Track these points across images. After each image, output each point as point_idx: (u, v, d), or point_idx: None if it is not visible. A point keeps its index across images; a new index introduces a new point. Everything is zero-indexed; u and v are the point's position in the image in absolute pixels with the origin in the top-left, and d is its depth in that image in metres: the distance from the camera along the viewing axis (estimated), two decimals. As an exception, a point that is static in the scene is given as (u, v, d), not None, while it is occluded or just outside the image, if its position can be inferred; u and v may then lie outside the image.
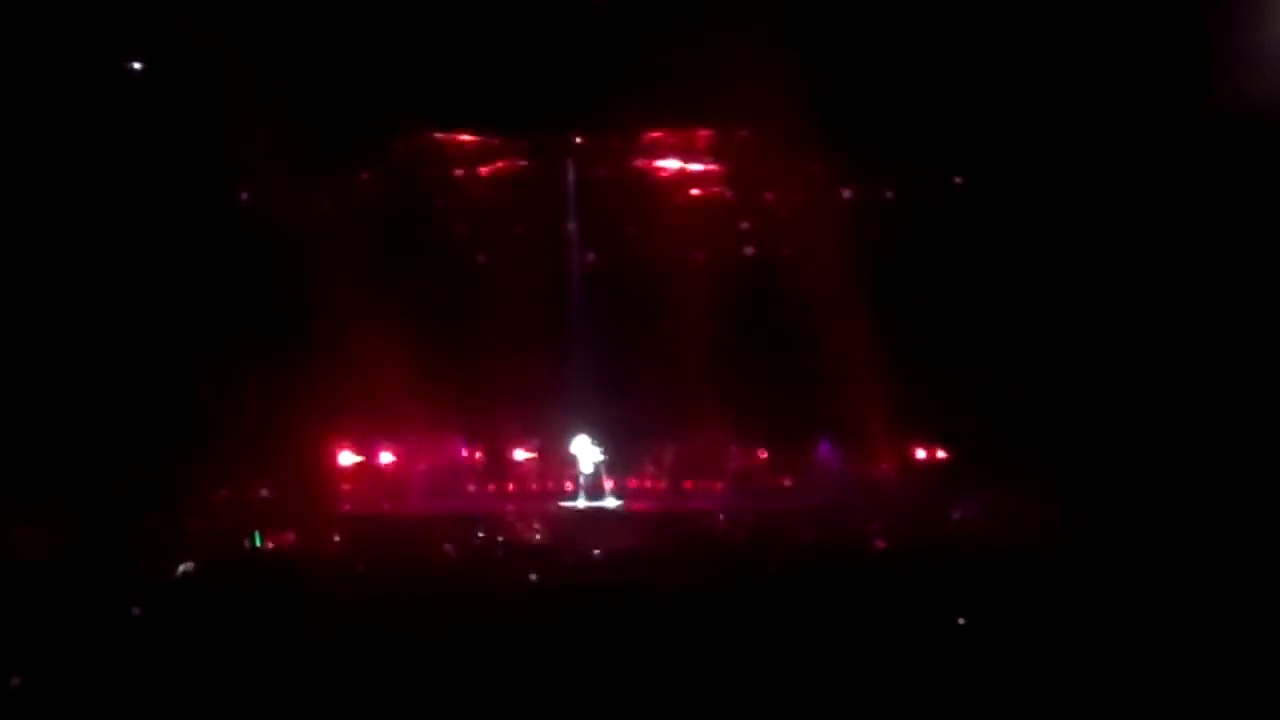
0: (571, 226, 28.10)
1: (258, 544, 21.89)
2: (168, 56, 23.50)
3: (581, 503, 25.73)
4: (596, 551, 21.81)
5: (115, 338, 23.72)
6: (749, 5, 22.32)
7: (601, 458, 26.29)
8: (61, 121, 23.60)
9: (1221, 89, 22.41)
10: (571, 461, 26.26)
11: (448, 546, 22.09)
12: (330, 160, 25.75)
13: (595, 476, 26.15)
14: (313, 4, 23.49)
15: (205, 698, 15.59)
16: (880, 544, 22.10)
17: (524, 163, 27.89)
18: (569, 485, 26.24)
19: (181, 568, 20.02)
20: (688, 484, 26.60)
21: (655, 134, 27.74)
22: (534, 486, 26.46)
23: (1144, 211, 24.11)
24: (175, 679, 16.19)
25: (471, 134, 27.63)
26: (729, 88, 24.55)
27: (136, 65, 24.74)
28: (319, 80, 24.03)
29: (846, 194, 27.50)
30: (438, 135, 27.51)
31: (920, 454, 26.32)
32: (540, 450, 26.84)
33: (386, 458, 26.15)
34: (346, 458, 26.18)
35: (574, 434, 26.31)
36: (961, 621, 17.94)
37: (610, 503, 25.77)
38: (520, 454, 26.94)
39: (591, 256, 28.28)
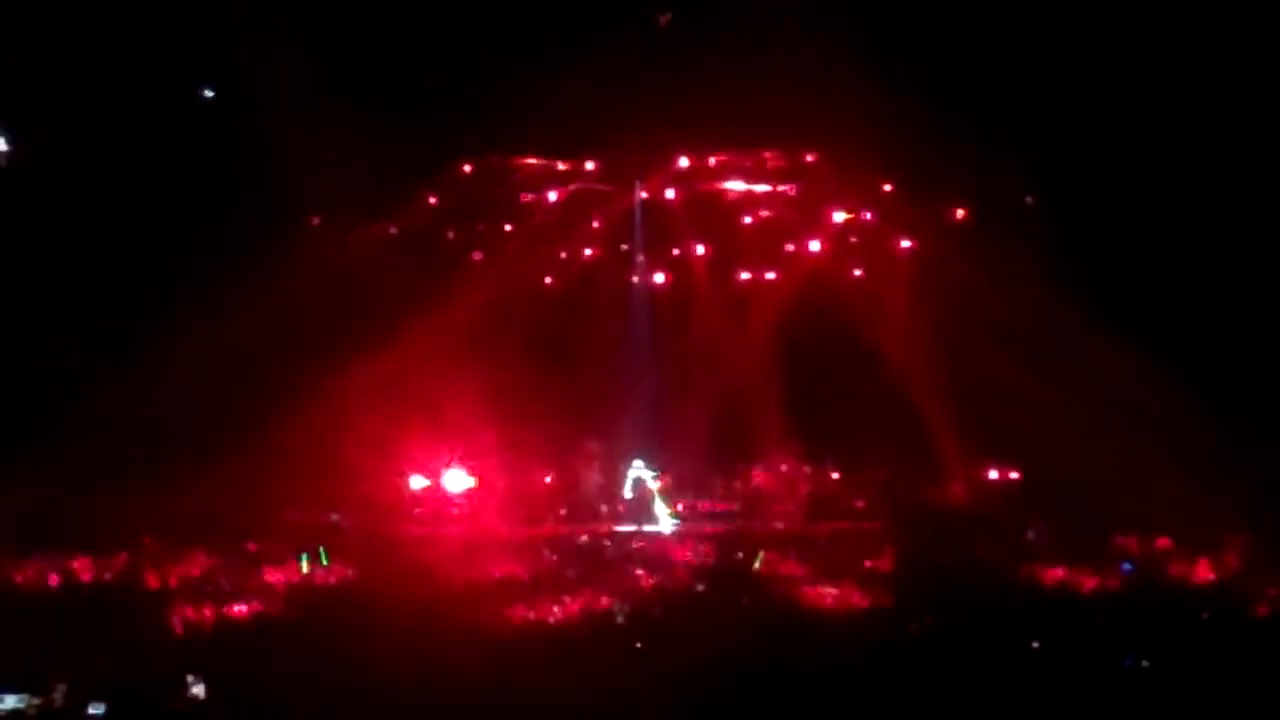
0: (638, 249, 28.12)
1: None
2: (241, 80, 23.74)
3: (649, 526, 25.61)
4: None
5: (180, 361, 23.90)
6: (813, 27, 22.27)
7: (668, 482, 26.22)
8: (138, 146, 23.93)
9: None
10: (639, 485, 26.17)
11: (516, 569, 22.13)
12: (396, 186, 25.94)
13: (664, 500, 26.05)
14: (383, 33, 23.70)
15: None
16: (954, 566, 21.97)
17: (591, 186, 27.93)
18: (637, 509, 26.13)
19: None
20: (758, 506, 26.40)
21: (721, 156, 27.72)
22: (602, 510, 26.35)
23: (1228, 236, 23.90)
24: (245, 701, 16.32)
25: (538, 158, 27.73)
26: (796, 110, 24.51)
27: (208, 92, 25.08)
28: (386, 106, 24.19)
29: (916, 217, 27.36)
30: (505, 159, 27.63)
31: (993, 475, 26.10)
32: (607, 474, 26.74)
33: (456, 481, 26.11)
34: (417, 481, 26.17)
35: (642, 457, 26.27)
36: (1035, 645, 17.78)
37: (677, 526, 25.63)
38: (586, 477, 26.84)
39: (659, 279, 28.30)
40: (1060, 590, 20.39)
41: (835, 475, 26.58)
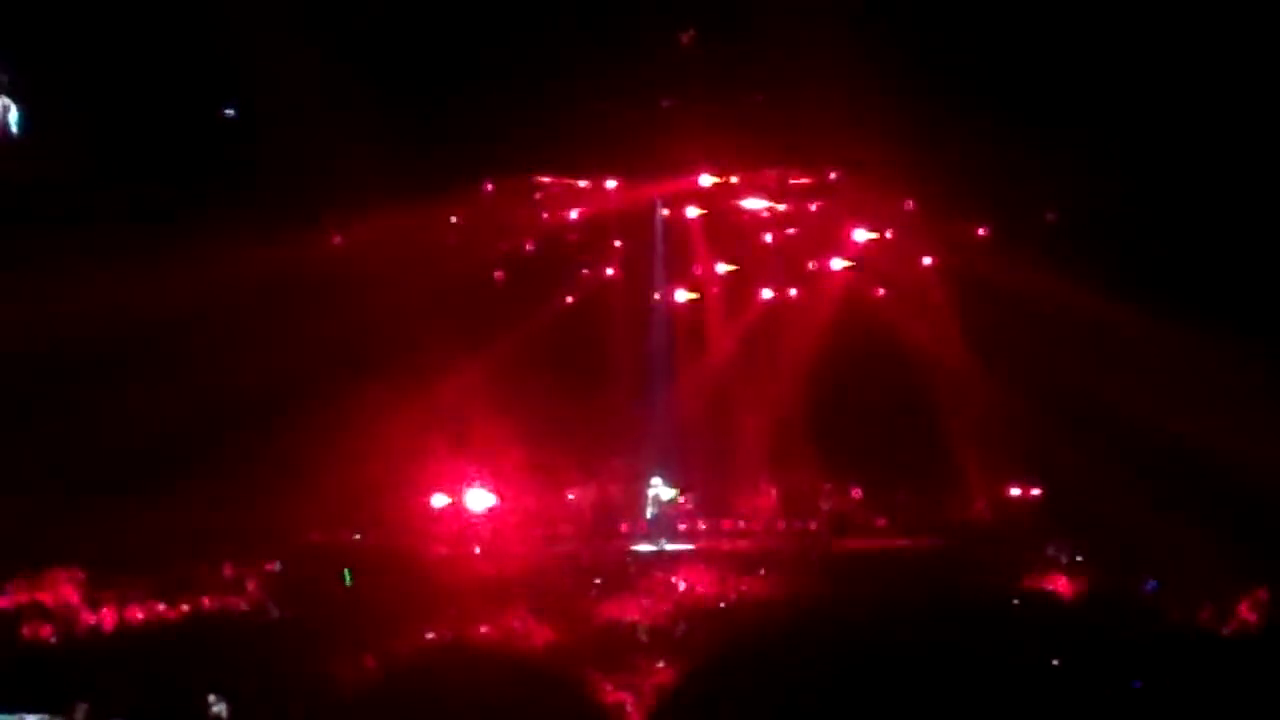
0: (659, 267, 28.15)
1: (348, 582, 22.03)
2: (263, 97, 23.82)
3: (673, 545, 25.62)
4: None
5: (203, 379, 23.96)
6: (837, 47, 22.27)
7: (690, 498, 26.22)
8: (158, 159, 24.03)
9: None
10: (661, 503, 26.18)
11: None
12: (418, 205, 26.01)
13: (686, 517, 26.07)
14: (405, 51, 23.79)
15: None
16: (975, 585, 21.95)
17: (612, 204, 27.98)
18: (660, 527, 26.14)
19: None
20: (780, 524, 26.37)
21: (743, 174, 27.71)
22: (624, 528, 26.37)
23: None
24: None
25: (562, 176, 27.78)
26: (819, 127, 24.52)
27: (230, 111, 25.20)
28: (409, 123, 24.27)
29: (939, 235, 27.34)
30: (527, 178, 27.69)
31: (1014, 492, 26.05)
32: (629, 492, 26.76)
33: (478, 500, 26.17)
34: (438, 500, 26.22)
35: (664, 474, 26.28)
36: (1056, 663, 17.70)
37: (698, 544, 25.63)
38: (607, 495, 26.86)
39: (680, 296, 28.31)
40: (1081, 606, 20.42)
41: (857, 493, 26.58)
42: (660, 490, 26.16)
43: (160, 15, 22.93)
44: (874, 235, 27.58)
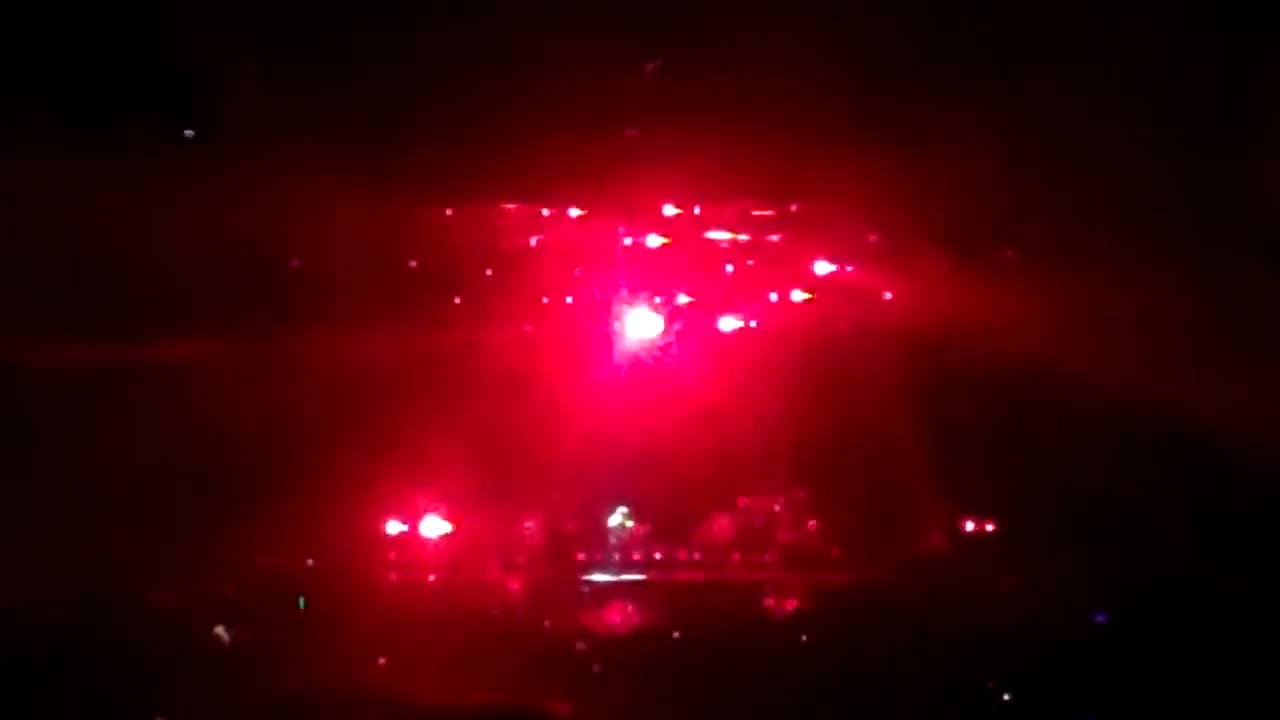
0: (619, 296, 28.15)
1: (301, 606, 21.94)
2: (218, 118, 23.74)
3: (628, 575, 25.58)
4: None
5: (149, 399, 23.80)
6: (806, 76, 22.35)
7: (644, 527, 26.19)
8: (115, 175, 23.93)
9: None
10: (608, 532, 26.15)
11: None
12: (377, 231, 25.94)
13: (640, 546, 26.03)
14: (365, 75, 23.78)
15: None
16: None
17: (572, 233, 27.97)
18: (609, 556, 26.11)
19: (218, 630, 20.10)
20: (735, 556, 26.37)
21: (707, 204, 27.76)
22: (579, 558, 26.33)
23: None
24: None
25: (522, 203, 27.77)
26: (785, 159, 24.61)
27: (190, 133, 25.12)
28: (368, 149, 24.24)
29: (899, 266, 27.42)
30: (488, 204, 27.68)
31: (969, 525, 26.09)
32: (579, 520, 26.73)
33: (434, 527, 26.08)
34: (394, 526, 26.13)
35: (619, 503, 26.24)
36: (1007, 698, 17.78)
37: (651, 575, 25.61)
38: (562, 523, 26.83)
39: (640, 325, 28.29)
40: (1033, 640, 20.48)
41: (812, 523, 26.59)
42: (616, 519, 26.17)
43: (119, 40, 22.96)
44: (836, 267, 27.66)
